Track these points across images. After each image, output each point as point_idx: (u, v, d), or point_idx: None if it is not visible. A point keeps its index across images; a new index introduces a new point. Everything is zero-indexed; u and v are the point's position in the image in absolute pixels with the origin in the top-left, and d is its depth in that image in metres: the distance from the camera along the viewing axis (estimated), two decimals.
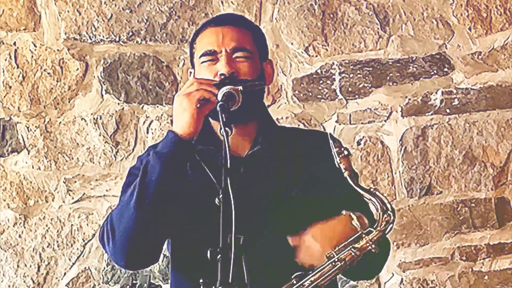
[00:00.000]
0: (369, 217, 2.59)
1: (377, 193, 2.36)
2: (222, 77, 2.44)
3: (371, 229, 2.34)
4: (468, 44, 3.45)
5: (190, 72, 2.58)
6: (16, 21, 3.42)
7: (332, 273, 2.33)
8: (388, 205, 2.35)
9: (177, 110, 2.39)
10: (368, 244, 2.33)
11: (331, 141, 2.39)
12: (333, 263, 2.33)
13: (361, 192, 2.36)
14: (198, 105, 2.36)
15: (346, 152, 2.38)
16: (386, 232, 2.34)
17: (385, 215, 2.35)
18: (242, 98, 2.41)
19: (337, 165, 2.37)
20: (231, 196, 2.27)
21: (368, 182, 3.41)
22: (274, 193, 2.47)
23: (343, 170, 2.37)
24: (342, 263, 2.32)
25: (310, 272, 2.35)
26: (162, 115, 3.44)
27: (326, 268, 2.33)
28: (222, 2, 3.44)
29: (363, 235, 2.34)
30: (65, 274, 3.44)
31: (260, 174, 2.49)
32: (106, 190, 3.44)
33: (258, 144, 2.52)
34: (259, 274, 2.36)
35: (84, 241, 3.44)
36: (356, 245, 2.33)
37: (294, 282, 2.36)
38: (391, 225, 2.34)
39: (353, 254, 2.33)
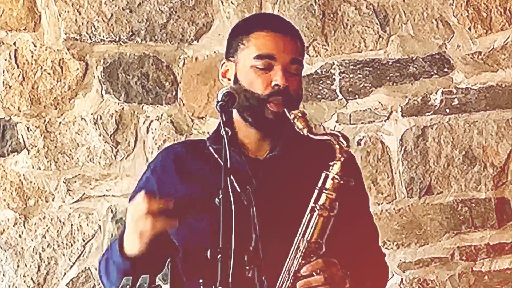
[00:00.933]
0: (374, 245, 2.62)
1: (332, 132, 2.40)
2: (277, 88, 2.41)
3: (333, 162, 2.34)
4: (468, 44, 3.45)
5: (224, 64, 2.52)
6: (16, 21, 3.42)
7: (319, 223, 2.32)
8: (340, 136, 2.33)
9: (130, 226, 2.35)
10: (337, 178, 2.32)
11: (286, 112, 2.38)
12: (313, 213, 2.33)
13: (319, 137, 2.36)
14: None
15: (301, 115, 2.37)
16: (344, 158, 2.32)
17: (340, 146, 2.33)
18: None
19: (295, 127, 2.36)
20: (231, 196, 2.27)
21: (368, 182, 3.41)
22: (291, 197, 2.44)
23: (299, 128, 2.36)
24: (324, 210, 2.32)
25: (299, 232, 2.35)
26: (162, 115, 3.44)
27: (310, 221, 2.33)
28: (222, 2, 3.44)
29: (327, 174, 2.33)
30: (65, 274, 3.44)
31: (277, 177, 2.47)
32: (106, 190, 3.44)
33: (277, 147, 2.49)
34: (273, 276, 2.34)
35: (84, 241, 3.44)
36: (327, 187, 2.33)
37: (255, 267, 2.34)
38: (347, 151, 2.33)
39: (328, 195, 2.32)
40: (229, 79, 2.51)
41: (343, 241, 2.47)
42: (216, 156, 2.48)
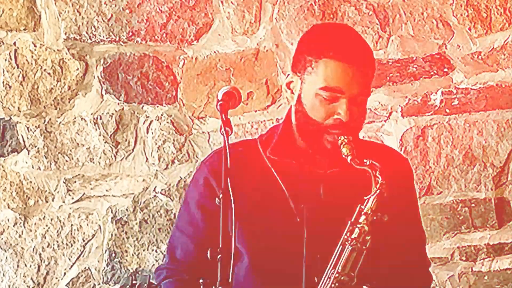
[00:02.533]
0: (420, 253, 2.62)
1: (373, 163, 2.34)
2: (338, 121, 2.38)
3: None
4: (468, 44, 3.45)
5: (290, 76, 2.47)
6: (16, 21, 3.42)
7: (351, 256, 2.31)
8: (379, 169, 2.32)
9: None
10: (370, 214, 2.31)
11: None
12: (346, 246, 2.32)
13: (358, 167, 2.34)
14: None
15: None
16: (378, 192, 2.31)
17: (378, 180, 2.32)
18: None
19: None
20: (231, 196, 2.27)
21: None
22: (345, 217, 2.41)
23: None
24: (355, 244, 2.31)
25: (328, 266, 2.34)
26: (162, 115, 3.44)
27: (342, 254, 2.32)
28: (222, 2, 3.43)
29: (361, 208, 2.33)
30: (65, 274, 3.44)
31: (336, 196, 2.43)
32: (106, 190, 3.44)
33: (340, 165, 2.43)
34: None
35: (84, 241, 3.44)
36: (360, 221, 2.32)
37: (316, 280, 2.35)
38: (383, 185, 2.31)
39: (361, 229, 2.31)
40: (292, 92, 2.47)
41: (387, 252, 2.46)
42: (269, 165, 2.46)
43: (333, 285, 2.33)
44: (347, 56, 2.37)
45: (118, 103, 3.44)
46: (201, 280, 2.38)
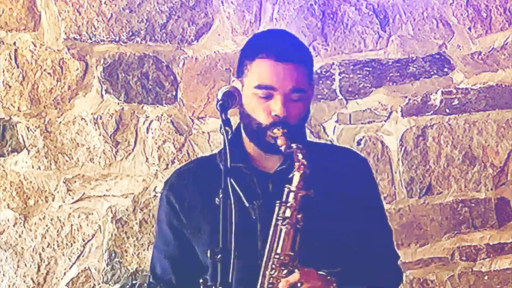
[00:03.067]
0: (386, 246, 2.69)
1: (297, 145, 2.44)
2: (276, 118, 2.47)
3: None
4: (468, 44, 3.45)
5: (234, 81, 2.59)
6: (16, 21, 3.42)
7: (286, 236, 2.39)
8: (299, 149, 2.43)
9: None
10: (296, 191, 2.40)
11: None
12: (279, 226, 2.40)
13: (288, 151, 2.44)
14: None
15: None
16: (301, 170, 2.41)
17: (299, 158, 2.43)
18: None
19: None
20: (231, 196, 2.28)
21: None
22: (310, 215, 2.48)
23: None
24: (288, 223, 2.39)
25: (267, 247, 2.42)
26: (162, 115, 3.44)
27: (277, 235, 2.40)
28: (222, 2, 3.44)
29: (289, 188, 2.43)
30: (65, 274, 3.44)
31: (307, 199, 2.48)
32: (106, 190, 3.44)
33: (287, 162, 2.53)
34: None
35: (84, 241, 3.44)
36: (289, 200, 2.41)
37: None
38: (303, 163, 2.42)
39: (290, 208, 2.40)
40: None
41: (348, 239, 2.52)
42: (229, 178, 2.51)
43: (274, 266, 2.40)
44: (277, 55, 2.48)
45: (118, 103, 3.44)
46: (201, 280, 2.39)
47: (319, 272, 2.42)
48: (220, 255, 2.27)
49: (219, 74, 3.43)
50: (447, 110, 3.45)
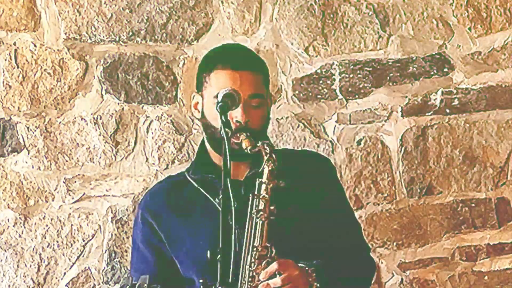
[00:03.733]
0: (356, 238, 2.81)
1: (263, 142, 2.53)
2: (238, 124, 2.56)
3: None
4: (468, 44, 3.45)
5: (195, 96, 2.72)
6: (16, 21, 3.42)
7: (261, 228, 2.47)
8: (265, 144, 2.52)
9: None
10: (266, 183, 2.48)
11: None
12: (254, 219, 2.48)
13: (256, 150, 2.52)
14: None
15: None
16: (270, 163, 2.49)
17: (266, 152, 2.52)
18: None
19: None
20: (231, 196, 2.30)
21: (368, 182, 3.41)
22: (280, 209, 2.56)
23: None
24: (261, 214, 2.47)
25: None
26: (162, 115, 3.44)
27: (253, 227, 2.47)
28: (222, 2, 3.43)
29: (260, 180, 2.51)
30: (65, 274, 3.44)
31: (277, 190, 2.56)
32: (106, 190, 3.44)
33: (255, 168, 2.64)
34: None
35: (84, 241, 3.44)
36: (261, 192, 2.49)
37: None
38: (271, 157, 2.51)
39: (263, 200, 2.48)
40: (199, 111, 2.72)
41: (320, 235, 2.63)
42: (196, 185, 2.69)
43: (252, 259, 2.48)
44: (233, 64, 2.61)
45: (118, 103, 3.44)
46: (201, 280, 2.40)
47: (299, 264, 2.49)
48: (220, 255, 2.28)
49: None
50: (447, 110, 3.45)
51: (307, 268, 2.51)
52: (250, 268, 2.46)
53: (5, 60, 3.41)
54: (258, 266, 2.47)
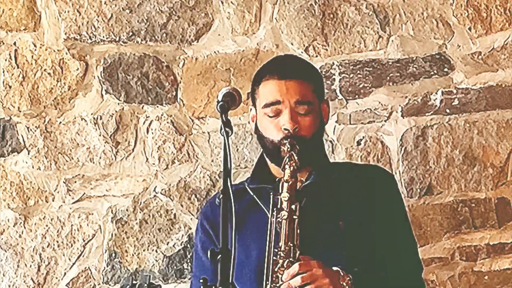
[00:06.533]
0: (410, 257, 2.75)
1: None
2: (286, 132, 2.59)
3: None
4: (468, 44, 3.45)
5: (252, 110, 2.76)
6: (16, 21, 3.42)
7: (284, 228, 2.48)
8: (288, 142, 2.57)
9: None
10: (288, 181, 2.50)
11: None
12: (273, 218, 2.51)
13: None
14: None
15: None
16: (292, 163, 2.53)
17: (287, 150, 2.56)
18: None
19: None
20: (231, 197, 2.30)
21: None
22: (324, 222, 2.59)
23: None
24: (284, 213, 2.49)
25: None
26: (162, 115, 3.44)
27: (275, 227, 2.50)
28: (222, 2, 3.44)
29: (282, 180, 2.54)
30: (65, 274, 3.44)
31: (312, 205, 2.60)
32: (106, 190, 3.44)
33: (311, 178, 2.66)
34: None
35: (84, 241, 3.44)
36: (283, 191, 2.52)
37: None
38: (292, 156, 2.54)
39: (284, 199, 2.49)
40: (255, 123, 2.75)
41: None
42: (252, 194, 2.70)
43: (275, 258, 2.48)
44: (279, 74, 2.64)
45: (118, 103, 3.44)
46: (201, 281, 2.40)
47: (334, 268, 2.47)
48: (220, 255, 2.28)
49: (219, 74, 3.43)
50: (447, 110, 3.45)
51: (340, 271, 2.48)
52: (274, 268, 2.47)
53: (5, 60, 3.42)
54: (281, 267, 2.46)
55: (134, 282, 2.52)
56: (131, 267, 3.44)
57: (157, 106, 3.44)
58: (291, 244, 2.48)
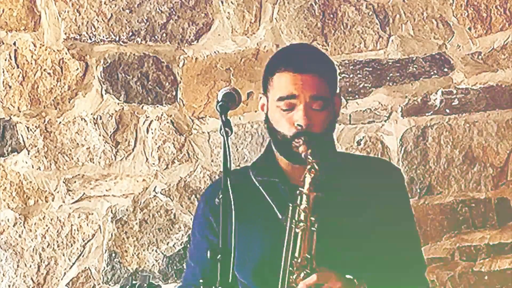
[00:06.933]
0: (414, 254, 2.73)
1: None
2: (299, 128, 2.53)
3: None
4: (468, 44, 3.45)
5: (261, 98, 2.68)
6: (16, 21, 3.42)
7: (301, 239, 2.44)
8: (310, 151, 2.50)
9: None
10: (307, 193, 2.45)
11: None
12: (294, 229, 2.46)
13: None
14: None
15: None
16: (312, 173, 2.46)
17: (309, 160, 2.49)
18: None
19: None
20: (231, 197, 2.29)
21: None
22: (331, 218, 2.53)
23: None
24: (302, 225, 2.44)
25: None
26: (162, 115, 3.44)
27: (292, 238, 2.45)
28: (222, 2, 3.43)
29: (301, 191, 2.47)
30: (65, 274, 3.44)
31: (320, 201, 2.53)
32: (106, 190, 3.44)
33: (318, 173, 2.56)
34: None
35: (84, 241, 3.44)
36: (301, 202, 2.46)
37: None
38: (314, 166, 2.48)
39: (303, 211, 2.45)
40: (265, 113, 2.68)
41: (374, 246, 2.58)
42: (259, 186, 2.65)
43: (292, 270, 2.44)
44: (295, 67, 2.56)
45: (118, 103, 3.44)
46: (201, 280, 2.40)
47: (347, 276, 2.45)
48: (220, 255, 2.28)
49: (219, 74, 3.43)
50: (447, 110, 3.45)
51: (355, 281, 2.46)
52: (289, 278, 2.43)
53: (5, 60, 3.42)
54: (297, 277, 2.44)
55: (134, 282, 2.52)
56: (131, 267, 3.44)
57: (157, 106, 3.44)
58: (308, 256, 2.44)
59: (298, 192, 2.47)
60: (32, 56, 3.42)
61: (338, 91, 2.76)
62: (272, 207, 2.59)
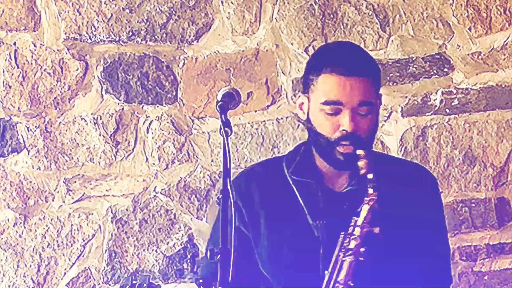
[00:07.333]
0: (443, 269, 2.67)
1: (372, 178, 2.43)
2: (344, 132, 2.46)
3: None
4: (468, 44, 3.45)
5: (300, 97, 2.57)
6: (16, 21, 3.42)
7: (347, 266, 2.39)
8: (372, 181, 2.42)
9: None
10: (362, 226, 2.38)
11: None
12: (342, 257, 2.40)
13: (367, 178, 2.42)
14: None
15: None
16: (370, 204, 2.40)
17: (369, 192, 2.42)
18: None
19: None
20: (231, 197, 2.29)
21: None
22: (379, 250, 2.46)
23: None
24: (350, 253, 2.39)
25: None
26: (162, 115, 3.44)
27: (339, 264, 2.40)
28: (222, 2, 3.44)
29: (355, 220, 2.41)
30: (65, 274, 3.44)
31: (352, 212, 2.48)
32: (106, 190, 3.44)
33: (354, 181, 2.53)
34: None
35: (84, 241, 3.44)
36: (354, 233, 2.40)
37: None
38: (373, 199, 2.41)
39: (355, 241, 2.39)
40: (304, 112, 2.58)
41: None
42: (293, 185, 2.57)
43: None
44: (343, 70, 2.46)
45: (118, 103, 3.44)
46: (201, 280, 2.39)
47: None
48: (219, 255, 2.28)
49: (219, 74, 3.43)
50: (447, 110, 3.45)
51: None
52: None
53: (5, 60, 3.42)
54: None
55: (134, 282, 2.51)
56: (131, 267, 3.44)
57: (157, 106, 3.44)
58: (352, 284, 2.40)
59: (353, 221, 2.41)
60: (32, 56, 3.42)
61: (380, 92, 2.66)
62: (303, 209, 2.53)
